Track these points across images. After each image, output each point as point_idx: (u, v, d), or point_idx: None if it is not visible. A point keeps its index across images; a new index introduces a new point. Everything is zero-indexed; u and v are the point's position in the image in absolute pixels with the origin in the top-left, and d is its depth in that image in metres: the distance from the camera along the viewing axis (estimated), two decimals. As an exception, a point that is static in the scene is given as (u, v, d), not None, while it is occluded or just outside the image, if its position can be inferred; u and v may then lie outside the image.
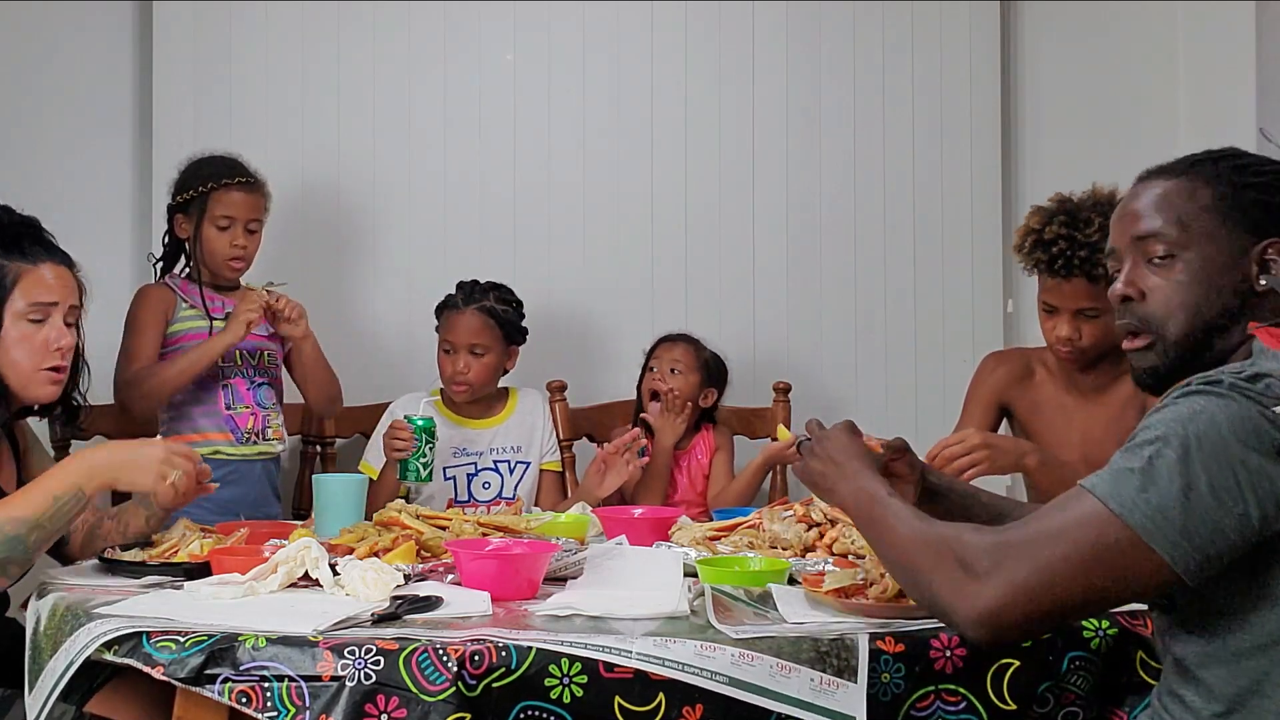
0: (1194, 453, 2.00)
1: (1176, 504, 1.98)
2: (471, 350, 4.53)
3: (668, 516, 3.63)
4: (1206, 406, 2.02)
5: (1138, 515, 1.99)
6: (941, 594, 2.14)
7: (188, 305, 4.41)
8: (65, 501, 2.90)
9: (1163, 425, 2.04)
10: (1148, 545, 1.99)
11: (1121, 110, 5.65)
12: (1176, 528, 1.98)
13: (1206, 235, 2.31)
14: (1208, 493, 1.98)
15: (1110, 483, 2.04)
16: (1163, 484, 1.99)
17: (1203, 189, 2.33)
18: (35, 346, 3.19)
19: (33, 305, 3.18)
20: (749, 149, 5.50)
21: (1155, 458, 2.01)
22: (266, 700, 2.32)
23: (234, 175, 4.44)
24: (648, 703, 2.37)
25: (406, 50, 5.30)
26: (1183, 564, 1.99)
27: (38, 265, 3.21)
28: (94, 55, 5.14)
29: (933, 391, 5.51)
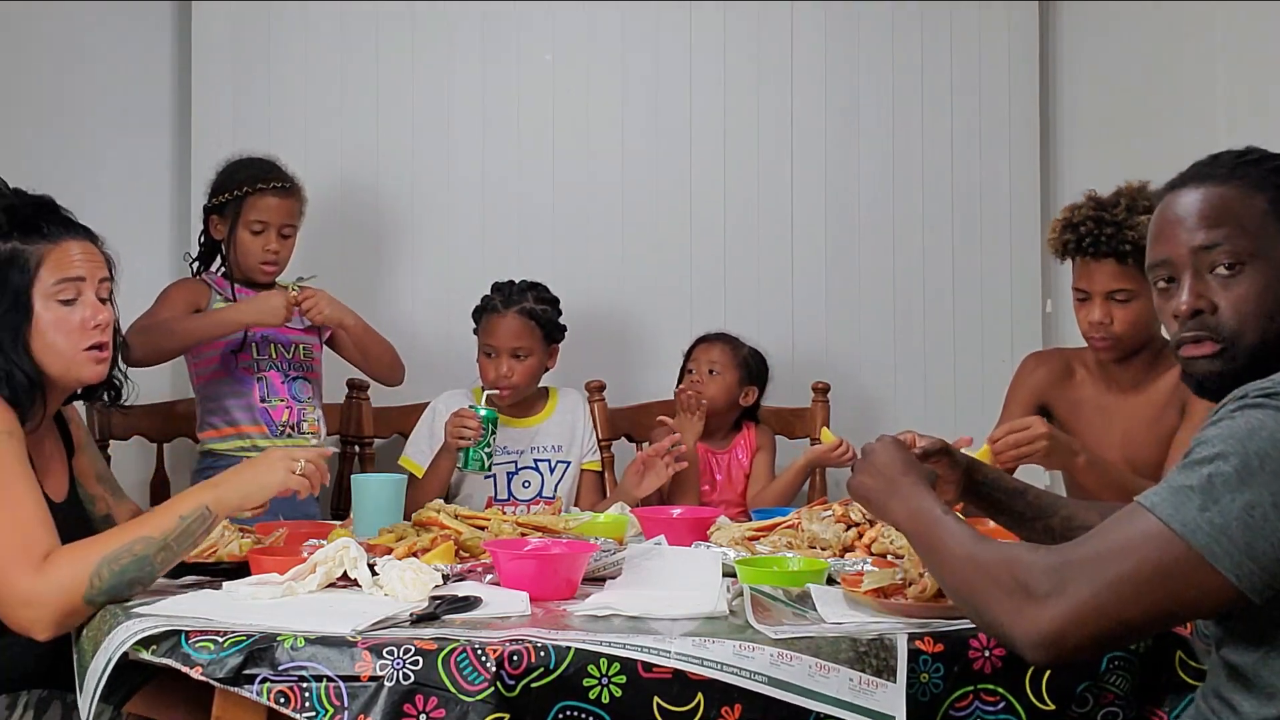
0: (1255, 470, 1.97)
1: (1239, 523, 1.95)
2: (514, 353, 4.52)
3: (706, 517, 3.62)
4: (1265, 422, 1.99)
5: (1201, 536, 1.96)
6: (1002, 617, 2.11)
7: (221, 300, 4.43)
8: (191, 520, 2.85)
9: (1221, 441, 2.01)
10: (1211, 566, 1.96)
11: (1160, 110, 5.62)
12: (1240, 547, 1.95)
13: (1271, 241, 2.28)
14: (1271, 509, 1.95)
15: (1170, 502, 2.00)
16: (1224, 502, 1.96)
17: (1257, 195, 2.30)
18: (72, 327, 3.05)
19: (61, 283, 3.04)
20: (788, 149, 5.50)
21: (1215, 475, 1.98)
22: (305, 700, 2.32)
23: (269, 180, 4.45)
24: (686, 703, 2.37)
25: (446, 50, 5.31)
26: (1248, 583, 1.96)
27: (60, 243, 3.07)
28: (133, 56, 5.16)
29: (971, 391, 5.51)
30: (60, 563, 2.74)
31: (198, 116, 5.09)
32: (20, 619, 2.74)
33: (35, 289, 3.03)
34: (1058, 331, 5.49)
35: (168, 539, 2.82)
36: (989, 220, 5.59)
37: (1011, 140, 5.61)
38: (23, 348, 3.02)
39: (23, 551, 2.75)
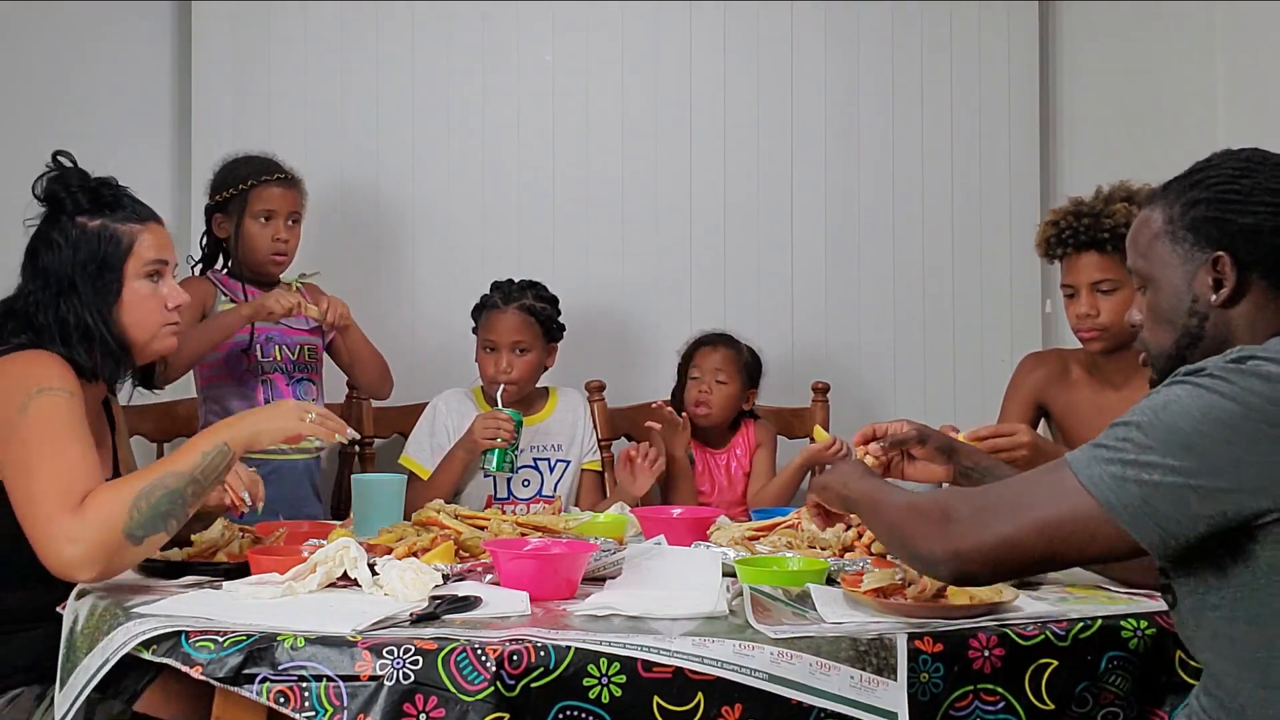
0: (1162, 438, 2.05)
1: (1136, 481, 2.05)
2: (514, 349, 4.53)
3: (706, 517, 3.62)
4: (1180, 396, 2.08)
5: (1102, 489, 2.07)
6: (921, 541, 2.25)
7: (227, 298, 4.43)
8: (212, 456, 2.96)
9: (1139, 411, 2.11)
10: (1108, 516, 2.07)
11: (1160, 110, 5.63)
12: (1136, 502, 2.05)
13: (1162, 263, 2.36)
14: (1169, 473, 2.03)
15: (1084, 458, 2.12)
16: (1129, 461, 2.06)
17: (1157, 217, 2.38)
18: (157, 304, 3.26)
19: (153, 263, 3.25)
20: (787, 150, 5.50)
21: (1126, 439, 2.08)
22: (305, 700, 2.32)
23: (272, 171, 4.46)
24: (686, 702, 2.37)
25: (445, 50, 5.31)
26: (1145, 535, 2.06)
27: (148, 225, 3.29)
28: (133, 56, 5.16)
29: (971, 391, 5.51)
30: (97, 501, 2.83)
31: (198, 116, 5.09)
32: (64, 558, 2.80)
33: (128, 265, 3.23)
34: (1057, 331, 5.49)
35: (194, 473, 2.92)
36: (989, 220, 5.59)
37: (1011, 140, 5.61)
38: (113, 319, 3.19)
39: (64, 494, 2.83)
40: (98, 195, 3.25)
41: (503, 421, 4.21)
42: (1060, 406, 4.26)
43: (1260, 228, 2.26)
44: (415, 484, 4.24)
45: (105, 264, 3.19)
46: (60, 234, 3.21)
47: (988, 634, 2.53)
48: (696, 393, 4.80)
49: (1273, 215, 2.26)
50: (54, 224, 3.23)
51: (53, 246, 3.20)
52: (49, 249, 3.20)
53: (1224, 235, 2.28)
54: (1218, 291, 2.28)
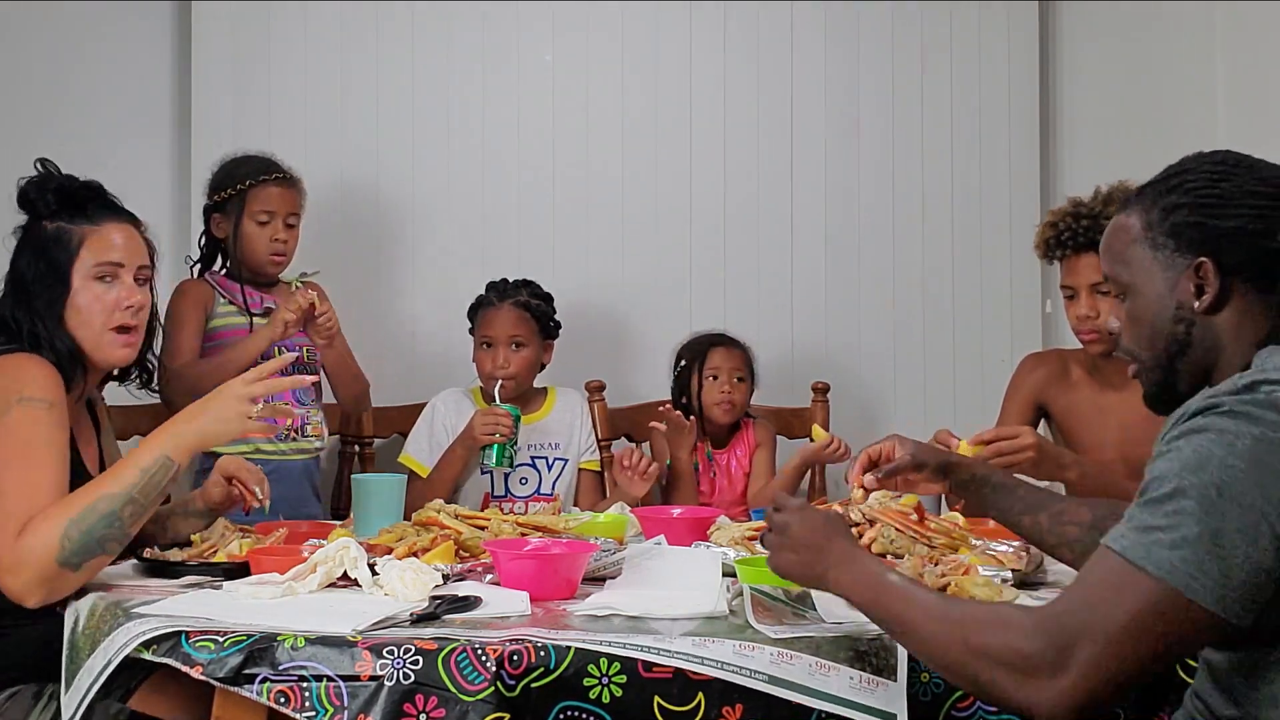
0: (1214, 499, 1.97)
1: (1210, 554, 1.95)
2: (511, 344, 4.54)
3: (706, 517, 3.62)
4: (1212, 450, 1.99)
5: (1179, 575, 1.95)
6: (1011, 694, 2.06)
7: (226, 301, 4.42)
8: (154, 472, 2.92)
9: (1175, 476, 2.00)
10: (1193, 601, 1.95)
11: (1160, 111, 5.63)
12: (1215, 578, 1.95)
13: (1142, 269, 2.31)
14: (1237, 535, 1.95)
15: (1141, 544, 1.99)
16: (1192, 537, 1.96)
17: (1134, 222, 2.32)
18: (106, 305, 3.21)
19: (100, 265, 3.21)
20: (787, 150, 5.50)
21: (1178, 512, 1.98)
22: (305, 700, 2.32)
23: (271, 172, 4.46)
24: (687, 702, 2.37)
25: (445, 50, 5.31)
26: (1231, 610, 1.96)
27: (102, 225, 3.25)
28: (133, 56, 5.16)
29: (971, 392, 5.51)
30: (33, 529, 2.83)
31: (198, 116, 5.10)
32: (8, 586, 2.84)
33: (75, 267, 3.20)
34: (1057, 332, 5.49)
35: (132, 493, 2.90)
36: (989, 220, 5.58)
37: (1011, 140, 5.60)
38: (58, 320, 3.17)
39: (12, 518, 2.84)
40: (69, 197, 3.26)
41: (501, 416, 4.21)
42: (1060, 407, 4.26)
43: (1242, 231, 2.21)
44: (415, 482, 4.24)
45: (53, 265, 3.21)
46: (27, 237, 3.24)
47: (989, 634, 2.52)
48: (719, 393, 4.77)
49: (1255, 218, 2.21)
50: (27, 227, 3.26)
51: (21, 250, 3.24)
52: (19, 253, 3.24)
53: (1205, 240, 2.23)
54: (1200, 298, 2.24)
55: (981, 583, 2.69)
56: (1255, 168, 2.27)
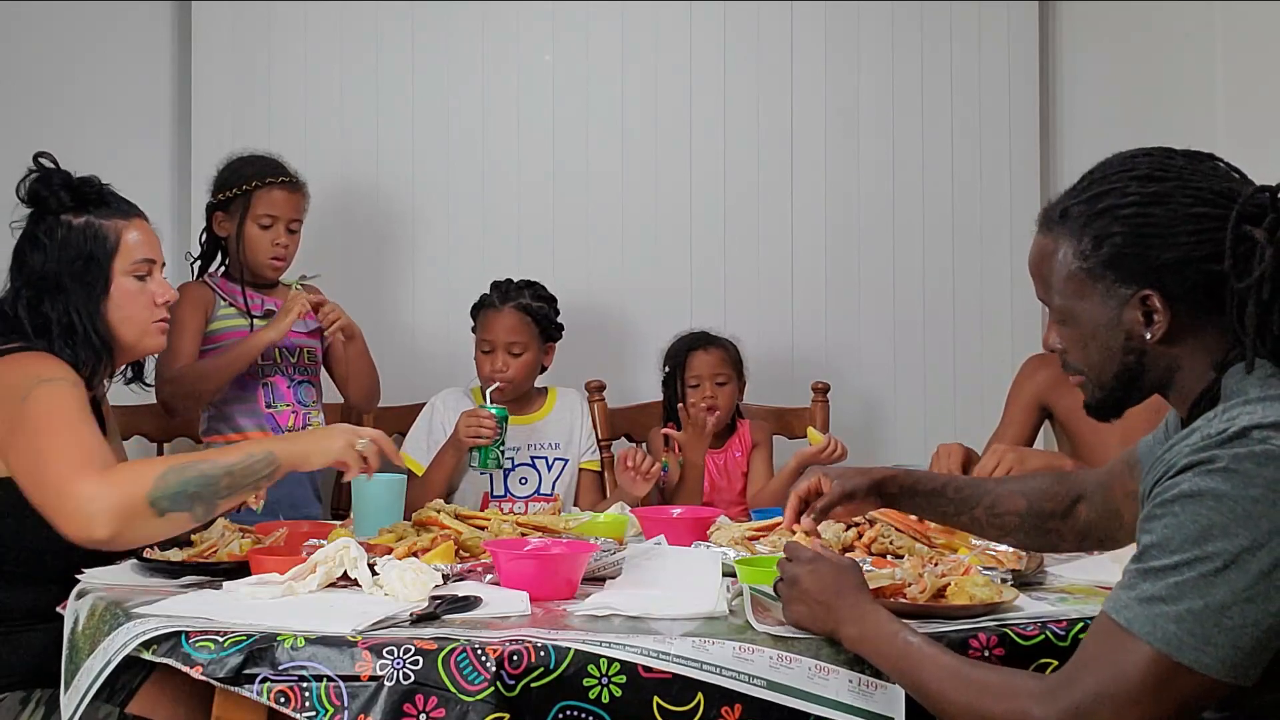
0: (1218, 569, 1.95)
1: (1217, 627, 1.95)
2: (510, 349, 4.54)
3: (706, 517, 3.62)
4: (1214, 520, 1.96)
5: (1187, 651, 1.95)
6: None
7: (226, 303, 4.42)
8: (258, 459, 2.96)
9: (1177, 547, 1.99)
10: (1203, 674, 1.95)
11: (1160, 110, 5.63)
12: (1224, 650, 1.95)
13: (1080, 299, 2.24)
14: (1245, 604, 1.94)
15: (1146, 618, 1.98)
16: (1198, 610, 1.95)
17: (1065, 248, 2.24)
18: (146, 301, 3.29)
19: (137, 262, 3.28)
20: (787, 149, 5.50)
21: (1182, 584, 1.97)
22: (305, 700, 2.32)
23: (277, 175, 4.45)
24: (686, 703, 2.36)
25: (445, 51, 5.31)
26: (1241, 675, 1.96)
27: (133, 220, 3.32)
28: (133, 55, 5.16)
29: (971, 391, 5.51)
30: (126, 466, 2.92)
31: (198, 117, 5.10)
32: (80, 514, 2.79)
33: (116, 262, 3.26)
34: (1058, 332, 5.50)
35: (233, 468, 2.92)
36: (989, 220, 5.58)
37: (1011, 140, 5.60)
38: (96, 314, 3.21)
39: (85, 461, 2.84)
40: (80, 193, 3.27)
41: (484, 419, 4.20)
42: (1063, 409, 4.26)
43: (1186, 259, 2.13)
44: (411, 481, 4.25)
45: (92, 260, 3.22)
46: (45, 233, 3.23)
47: (988, 634, 2.52)
48: (702, 399, 4.77)
49: (1196, 244, 2.13)
50: (39, 223, 3.25)
51: (39, 246, 3.22)
52: (35, 248, 3.22)
53: (1147, 271, 2.15)
54: (1150, 327, 2.17)
55: (981, 583, 2.69)
56: (1184, 178, 2.19)
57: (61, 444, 2.87)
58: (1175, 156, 2.26)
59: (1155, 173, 2.21)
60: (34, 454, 2.89)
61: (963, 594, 2.65)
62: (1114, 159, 2.32)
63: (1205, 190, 2.17)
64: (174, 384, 4.25)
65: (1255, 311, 2.10)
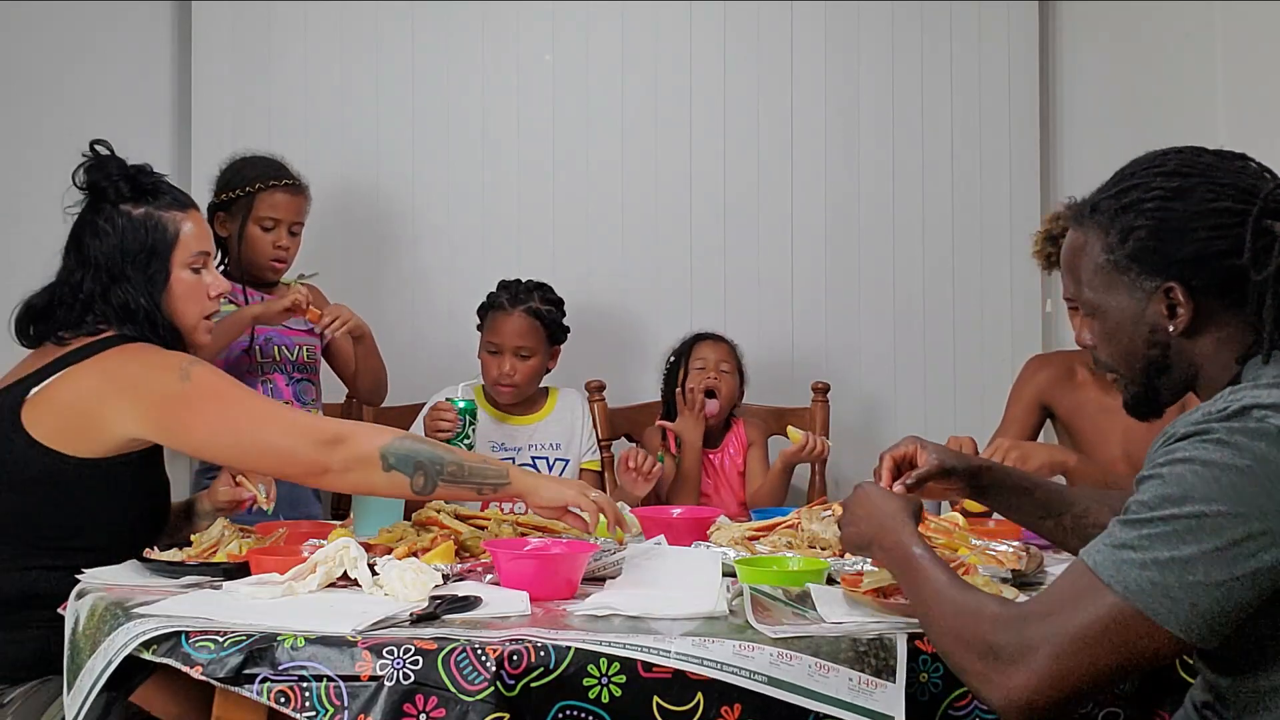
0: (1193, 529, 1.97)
1: (1178, 581, 1.96)
2: (518, 353, 4.54)
3: (706, 517, 3.62)
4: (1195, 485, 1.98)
5: (1144, 597, 1.97)
6: (973, 679, 2.12)
7: (226, 300, 4.42)
8: (490, 466, 3.11)
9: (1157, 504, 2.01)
10: (1156, 623, 1.97)
11: (1160, 110, 5.63)
12: (1182, 605, 1.96)
13: (1108, 292, 2.28)
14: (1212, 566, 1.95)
15: (1112, 562, 2.01)
16: (1164, 561, 1.97)
17: (1094, 242, 2.29)
18: (200, 294, 3.31)
19: (196, 255, 3.29)
20: (787, 150, 5.51)
21: (1154, 536, 1.99)
22: (305, 700, 2.32)
23: (280, 177, 4.45)
24: (686, 702, 2.37)
25: (446, 51, 5.31)
26: (1195, 635, 1.97)
27: (189, 213, 3.32)
28: (133, 55, 5.16)
29: (971, 391, 5.51)
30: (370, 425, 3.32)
31: (198, 117, 5.10)
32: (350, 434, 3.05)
33: (175, 255, 3.26)
34: (1057, 332, 5.50)
35: (464, 461, 3.08)
36: (989, 220, 5.59)
37: (1011, 140, 5.61)
38: (163, 305, 3.24)
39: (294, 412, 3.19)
40: (137, 182, 3.28)
41: (444, 412, 4.16)
42: (1065, 408, 4.27)
43: (1206, 254, 2.17)
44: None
45: (154, 251, 3.24)
46: (106, 221, 3.24)
47: (988, 634, 2.52)
48: (704, 379, 4.79)
49: (1216, 238, 2.17)
50: (98, 211, 3.26)
51: (99, 234, 3.22)
52: (95, 236, 3.23)
53: (1170, 265, 2.20)
54: (1173, 320, 2.21)
55: (982, 583, 2.69)
56: (1209, 174, 2.22)
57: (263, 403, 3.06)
58: (1204, 154, 2.29)
59: (1181, 169, 2.25)
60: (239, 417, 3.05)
61: (963, 594, 2.65)
62: (1145, 156, 2.36)
63: (1229, 186, 2.20)
64: None
65: (1274, 304, 2.13)
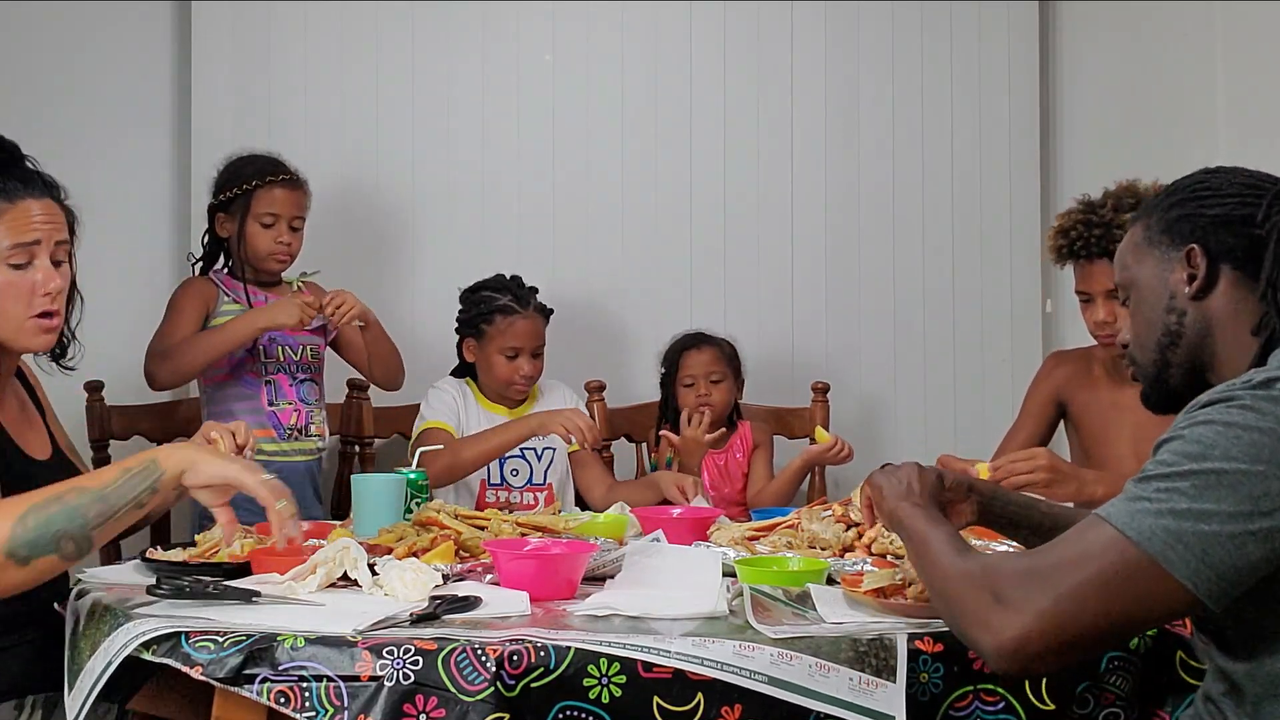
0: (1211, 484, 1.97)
1: (1193, 531, 1.96)
2: (535, 352, 4.61)
3: (706, 517, 3.62)
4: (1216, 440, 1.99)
5: (1156, 543, 1.97)
6: (971, 624, 2.12)
7: (230, 299, 4.42)
8: (135, 474, 2.62)
9: (1175, 459, 2.02)
10: (1167, 572, 1.96)
11: (1160, 110, 5.63)
12: (1195, 554, 1.95)
13: (1141, 267, 2.38)
14: (1227, 519, 1.95)
15: (1126, 510, 2.02)
16: (1180, 511, 1.97)
17: (1137, 227, 2.41)
18: (22, 292, 2.91)
19: (15, 248, 2.89)
20: (787, 150, 5.51)
21: (1171, 489, 1.99)
22: (305, 700, 2.32)
23: (277, 173, 4.46)
24: (686, 703, 2.36)
25: (445, 50, 5.31)
26: (1205, 589, 1.96)
27: (17, 202, 2.92)
28: (132, 55, 5.16)
29: (971, 391, 5.52)
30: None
31: (198, 116, 5.09)
32: None
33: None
34: (1058, 331, 5.50)
35: (105, 491, 2.61)
36: (989, 220, 5.59)
37: (1011, 140, 5.61)
38: None
39: None
40: None
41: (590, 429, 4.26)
42: (1079, 404, 4.28)
43: (1229, 217, 2.27)
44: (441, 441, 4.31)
45: None
46: None
47: (988, 635, 2.52)
48: (695, 398, 4.79)
49: (1239, 204, 2.27)
50: None
51: None
52: None
53: (1195, 229, 2.29)
54: (1190, 284, 2.29)
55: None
56: (1246, 170, 2.33)
57: None
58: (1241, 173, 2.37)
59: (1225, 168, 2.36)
60: None
61: (963, 594, 2.65)
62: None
63: (1258, 173, 2.33)
64: (162, 357, 4.26)
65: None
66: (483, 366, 4.63)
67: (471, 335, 4.64)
